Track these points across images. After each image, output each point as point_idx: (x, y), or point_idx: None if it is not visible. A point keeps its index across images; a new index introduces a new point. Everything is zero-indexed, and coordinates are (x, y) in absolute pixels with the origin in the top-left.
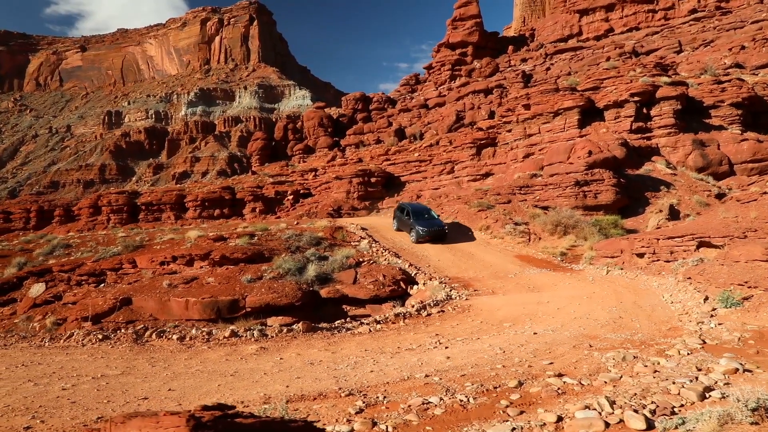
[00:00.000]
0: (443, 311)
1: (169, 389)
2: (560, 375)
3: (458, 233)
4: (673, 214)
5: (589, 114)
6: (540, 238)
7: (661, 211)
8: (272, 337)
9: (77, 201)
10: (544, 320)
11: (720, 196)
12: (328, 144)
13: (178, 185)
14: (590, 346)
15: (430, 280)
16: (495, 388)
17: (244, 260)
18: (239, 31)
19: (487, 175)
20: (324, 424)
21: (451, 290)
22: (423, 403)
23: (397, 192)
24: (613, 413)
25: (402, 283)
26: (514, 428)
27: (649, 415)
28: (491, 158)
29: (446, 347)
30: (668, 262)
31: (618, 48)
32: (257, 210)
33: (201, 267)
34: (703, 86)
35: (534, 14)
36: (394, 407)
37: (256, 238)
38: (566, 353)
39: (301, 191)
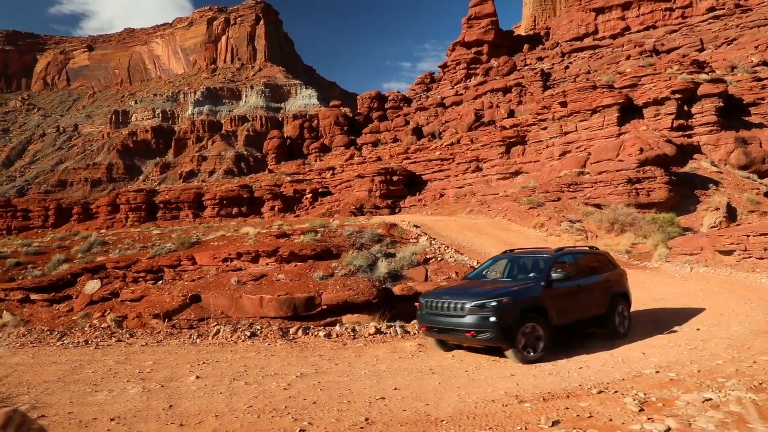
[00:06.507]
0: None
1: (395, 388)
2: None
3: (502, 229)
4: (730, 212)
5: (627, 111)
6: (597, 236)
7: (718, 208)
8: (413, 334)
9: (85, 200)
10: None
11: None
12: (344, 143)
13: (196, 184)
14: None
15: None
16: (760, 384)
17: (312, 257)
18: (245, 30)
19: (518, 173)
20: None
21: None
22: (705, 400)
23: (418, 190)
24: None
25: None
26: None
27: None
28: (521, 156)
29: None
30: (761, 259)
31: (638, 46)
32: (276, 208)
33: (266, 264)
34: (741, 83)
35: (545, 13)
36: (670, 404)
37: (319, 234)
38: None
39: (320, 190)
